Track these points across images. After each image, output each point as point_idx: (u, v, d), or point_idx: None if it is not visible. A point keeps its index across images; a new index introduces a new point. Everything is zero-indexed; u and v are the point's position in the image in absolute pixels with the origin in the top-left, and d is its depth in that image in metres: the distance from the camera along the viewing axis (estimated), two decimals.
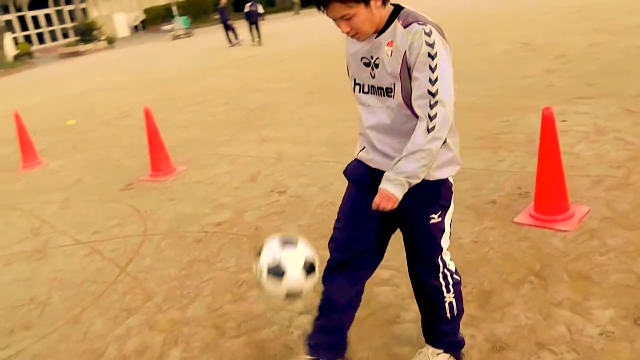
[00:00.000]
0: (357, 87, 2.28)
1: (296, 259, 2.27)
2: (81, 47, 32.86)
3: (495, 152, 5.15)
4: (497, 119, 6.09)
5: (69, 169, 7.55)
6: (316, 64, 13.26)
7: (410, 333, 2.89)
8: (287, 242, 2.32)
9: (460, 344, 2.60)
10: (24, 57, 31.69)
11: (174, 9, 35.17)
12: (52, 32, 41.28)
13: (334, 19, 2.10)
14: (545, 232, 3.59)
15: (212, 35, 28.29)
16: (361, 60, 2.22)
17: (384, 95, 2.18)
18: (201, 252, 4.32)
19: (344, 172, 2.53)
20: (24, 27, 39.30)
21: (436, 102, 2.04)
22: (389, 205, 2.13)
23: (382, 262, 3.64)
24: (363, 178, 2.39)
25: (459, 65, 8.88)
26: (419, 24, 2.06)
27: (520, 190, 4.24)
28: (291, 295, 2.34)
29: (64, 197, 6.32)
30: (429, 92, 2.04)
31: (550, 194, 3.64)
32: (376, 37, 2.15)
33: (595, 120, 5.55)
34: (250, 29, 20.44)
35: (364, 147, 2.38)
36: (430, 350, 2.59)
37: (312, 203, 4.87)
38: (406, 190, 2.13)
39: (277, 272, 2.24)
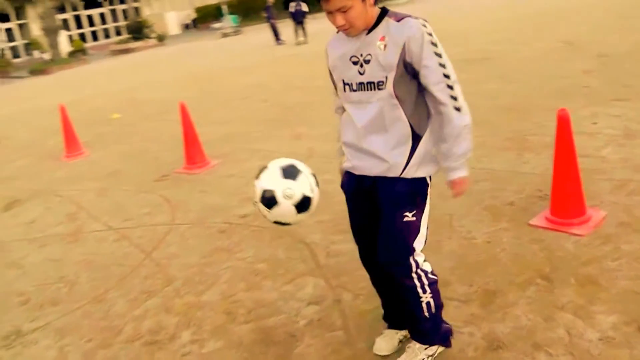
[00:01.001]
0: (347, 87, 2.35)
1: (291, 195, 2.31)
2: (132, 45, 33.70)
3: (521, 154, 5.11)
4: (529, 120, 6.03)
5: (108, 160, 7.83)
6: None
7: None
8: (288, 173, 2.36)
9: (447, 334, 2.63)
10: (77, 53, 32.71)
11: (224, 7, 35.69)
12: (106, 30, 42.45)
13: (329, 13, 2.19)
14: (559, 236, 3.56)
15: (260, 33, 28.57)
16: (350, 59, 2.30)
17: (374, 89, 2.26)
18: (223, 242, 4.45)
19: (341, 187, 2.63)
20: (79, 26, 40.52)
21: (453, 83, 2.24)
22: (466, 187, 2.43)
23: None
24: (351, 189, 2.56)
25: (500, 65, 8.92)
26: (412, 18, 2.20)
27: (540, 192, 4.21)
28: (279, 223, 2.42)
29: (102, 186, 6.57)
30: (445, 76, 2.22)
31: (566, 197, 3.62)
32: (367, 34, 2.24)
33: (627, 124, 5.43)
34: (296, 29, 20.58)
35: (346, 158, 2.50)
36: (417, 345, 2.62)
37: (334, 199, 4.92)
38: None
39: (269, 202, 2.32)
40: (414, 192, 2.38)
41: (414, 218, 2.38)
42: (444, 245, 3.73)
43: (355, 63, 2.28)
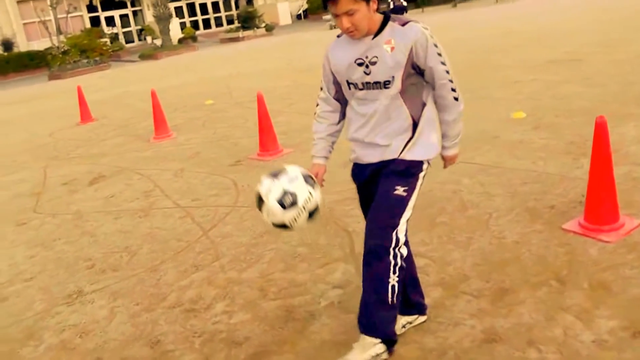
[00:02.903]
0: (352, 86, 2.59)
1: (273, 191, 2.47)
2: (240, 34, 34.81)
3: (577, 159, 5.04)
4: None
5: (192, 143, 8.37)
6: (456, 57, 13.19)
7: (427, 314, 3.06)
8: (274, 174, 2.57)
9: (394, 338, 2.71)
10: (187, 40, 34.29)
11: None
12: (218, 19, 44.12)
13: (336, 16, 2.41)
14: (587, 241, 3.56)
15: None
16: (355, 62, 2.52)
17: (381, 88, 2.50)
18: None
19: (352, 176, 2.88)
20: (193, 14, 42.38)
21: (452, 77, 2.58)
22: (455, 161, 2.82)
23: (423, 251, 3.85)
24: (361, 179, 2.79)
25: (587, 68, 8.67)
26: (414, 22, 2.46)
27: (582, 198, 4.16)
28: (277, 226, 2.57)
29: (180, 167, 7.08)
30: (446, 72, 2.53)
31: (599, 204, 3.60)
32: (373, 39, 2.44)
33: None
34: None
35: (352, 150, 2.72)
36: (367, 340, 2.66)
37: None
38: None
39: (258, 203, 2.55)
40: (408, 171, 2.59)
41: (405, 194, 2.56)
42: (474, 242, 3.83)
43: (360, 65, 2.50)
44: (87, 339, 3.45)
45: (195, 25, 41.18)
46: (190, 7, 42.15)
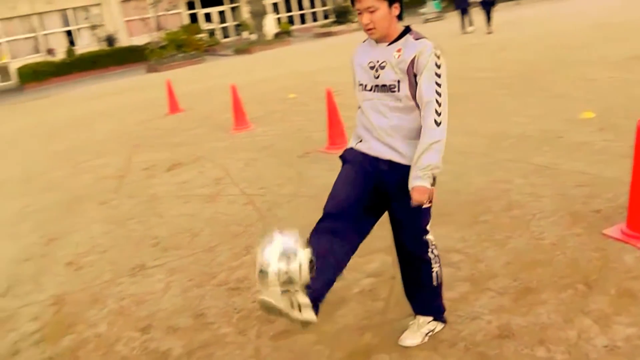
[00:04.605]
0: (361, 87, 2.76)
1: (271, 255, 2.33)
2: (334, 28, 35.18)
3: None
4: None
5: (268, 135, 8.73)
6: (533, 54, 12.92)
7: (449, 307, 3.18)
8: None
9: (443, 309, 3.00)
10: (283, 35, 35.09)
11: None
12: (314, 14, 44.75)
13: (359, 12, 2.60)
14: (624, 248, 3.52)
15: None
16: (368, 64, 2.69)
17: (387, 91, 2.64)
18: None
19: (340, 156, 2.92)
20: (289, 9, 43.23)
21: (442, 102, 2.54)
22: (425, 198, 2.58)
23: (460, 247, 3.94)
24: (357, 159, 2.81)
25: None
26: (428, 41, 2.58)
27: None
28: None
29: (252, 157, 7.45)
30: (437, 93, 2.54)
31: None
32: (388, 45, 2.62)
33: None
34: (486, 17, 20.21)
35: (360, 140, 2.81)
36: (421, 319, 2.97)
37: (441, 189, 5.13)
38: (431, 181, 2.57)
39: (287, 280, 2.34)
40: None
41: (429, 205, 2.71)
42: (511, 242, 3.87)
43: (372, 68, 2.67)
44: (142, 307, 3.83)
45: (291, 20, 41.96)
46: (287, 2, 42.99)
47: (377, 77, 2.65)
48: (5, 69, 31.76)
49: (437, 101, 2.53)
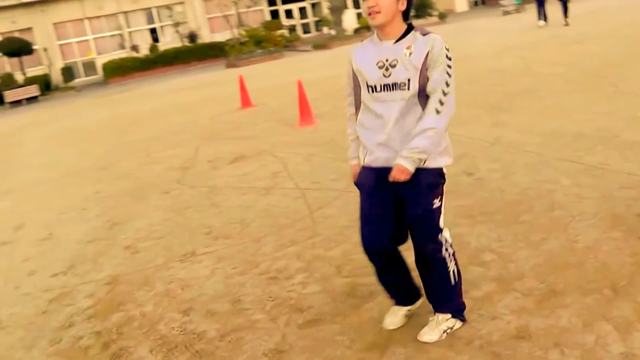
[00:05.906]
0: (370, 88, 2.80)
1: None
2: (413, 22, 34.86)
3: None
4: None
5: (331, 131, 8.88)
6: (608, 47, 12.40)
7: (472, 306, 3.23)
8: None
9: (462, 307, 3.06)
10: (363, 30, 35.10)
11: None
12: None
13: None
14: None
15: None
16: (376, 64, 2.75)
17: (398, 89, 2.71)
18: None
19: (355, 183, 3.06)
20: None
21: (448, 93, 2.67)
22: (403, 177, 2.70)
23: (494, 247, 3.96)
24: (368, 182, 2.92)
25: None
26: (435, 34, 2.69)
27: None
28: None
29: (311, 152, 7.64)
30: (446, 83, 2.67)
31: None
32: (394, 43, 2.69)
33: None
34: (563, 10, 19.46)
35: (366, 153, 2.89)
36: (440, 317, 3.02)
37: (486, 187, 5.18)
38: (417, 165, 2.67)
39: None
40: (437, 182, 2.81)
41: (440, 203, 2.82)
42: (546, 243, 3.85)
43: (381, 67, 2.74)
44: (187, 291, 4.10)
45: None
46: None
47: (388, 76, 2.71)
48: (91, 64, 33.85)
49: (443, 91, 2.66)
